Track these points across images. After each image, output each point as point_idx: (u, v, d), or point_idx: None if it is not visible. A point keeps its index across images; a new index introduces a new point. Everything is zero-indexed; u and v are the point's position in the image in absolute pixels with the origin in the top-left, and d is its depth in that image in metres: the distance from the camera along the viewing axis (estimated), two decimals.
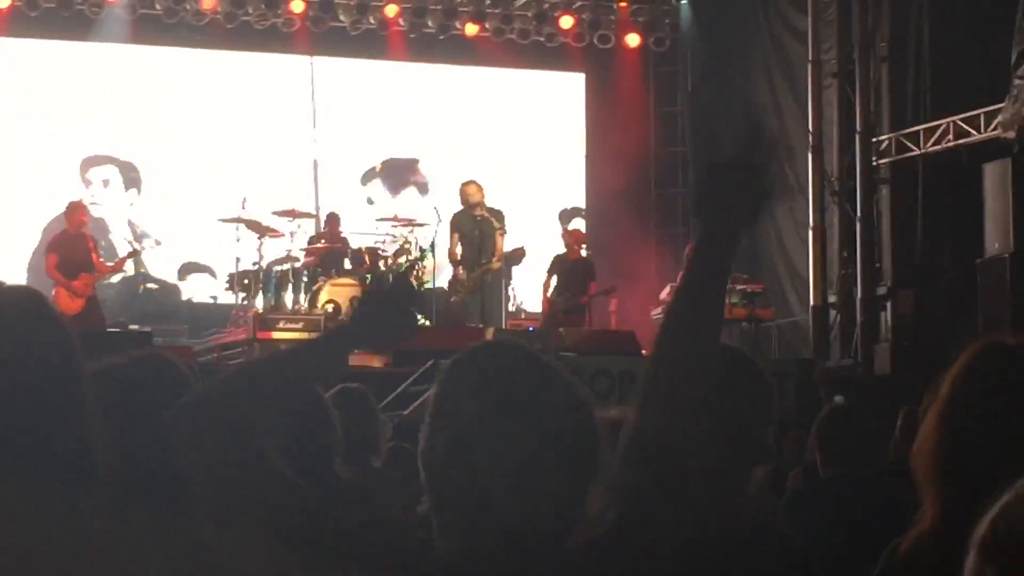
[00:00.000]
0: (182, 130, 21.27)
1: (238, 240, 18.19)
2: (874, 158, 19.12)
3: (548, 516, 2.41)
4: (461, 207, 18.28)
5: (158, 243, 20.78)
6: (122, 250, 19.63)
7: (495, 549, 2.40)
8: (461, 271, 18.06)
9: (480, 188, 18.28)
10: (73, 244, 17.13)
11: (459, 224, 18.15)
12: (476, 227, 18.06)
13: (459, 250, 18.09)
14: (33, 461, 2.33)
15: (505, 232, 18.29)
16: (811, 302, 19.80)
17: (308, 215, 19.37)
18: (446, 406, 2.46)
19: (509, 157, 22.36)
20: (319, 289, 17.75)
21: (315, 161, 21.72)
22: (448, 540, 2.43)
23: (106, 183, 21.10)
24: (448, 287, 18.46)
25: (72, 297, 16.92)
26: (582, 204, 22.86)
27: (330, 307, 17.52)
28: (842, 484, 5.54)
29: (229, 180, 20.61)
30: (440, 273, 18.65)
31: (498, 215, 18.34)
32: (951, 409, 3.00)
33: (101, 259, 17.62)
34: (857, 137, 19.30)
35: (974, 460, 2.93)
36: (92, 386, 2.47)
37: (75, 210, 17.29)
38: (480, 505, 2.39)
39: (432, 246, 18.38)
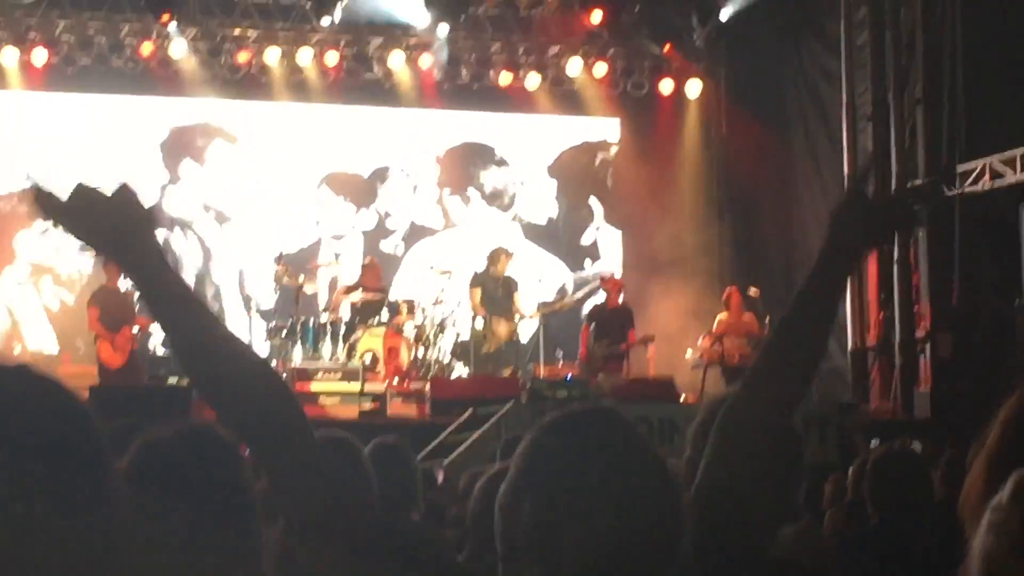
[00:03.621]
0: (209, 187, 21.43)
1: (276, 291, 18.19)
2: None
3: None
4: (485, 267, 18.52)
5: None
6: None
7: None
8: (501, 324, 18.17)
9: (510, 260, 18.62)
10: (114, 297, 17.14)
11: (481, 282, 18.48)
12: (498, 286, 18.42)
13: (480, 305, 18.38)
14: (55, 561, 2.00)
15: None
16: (849, 346, 19.72)
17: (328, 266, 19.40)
18: (537, 470, 2.45)
19: (546, 203, 22.41)
20: (357, 340, 17.73)
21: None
22: None
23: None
24: (477, 337, 18.44)
25: (114, 351, 16.96)
26: (619, 251, 22.81)
27: (368, 357, 17.52)
28: (893, 529, 5.51)
29: (258, 230, 20.78)
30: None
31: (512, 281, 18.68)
32: (999, 455, 2.99)
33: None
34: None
35: None
36: (121, 482, 2.12)
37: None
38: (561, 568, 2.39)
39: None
